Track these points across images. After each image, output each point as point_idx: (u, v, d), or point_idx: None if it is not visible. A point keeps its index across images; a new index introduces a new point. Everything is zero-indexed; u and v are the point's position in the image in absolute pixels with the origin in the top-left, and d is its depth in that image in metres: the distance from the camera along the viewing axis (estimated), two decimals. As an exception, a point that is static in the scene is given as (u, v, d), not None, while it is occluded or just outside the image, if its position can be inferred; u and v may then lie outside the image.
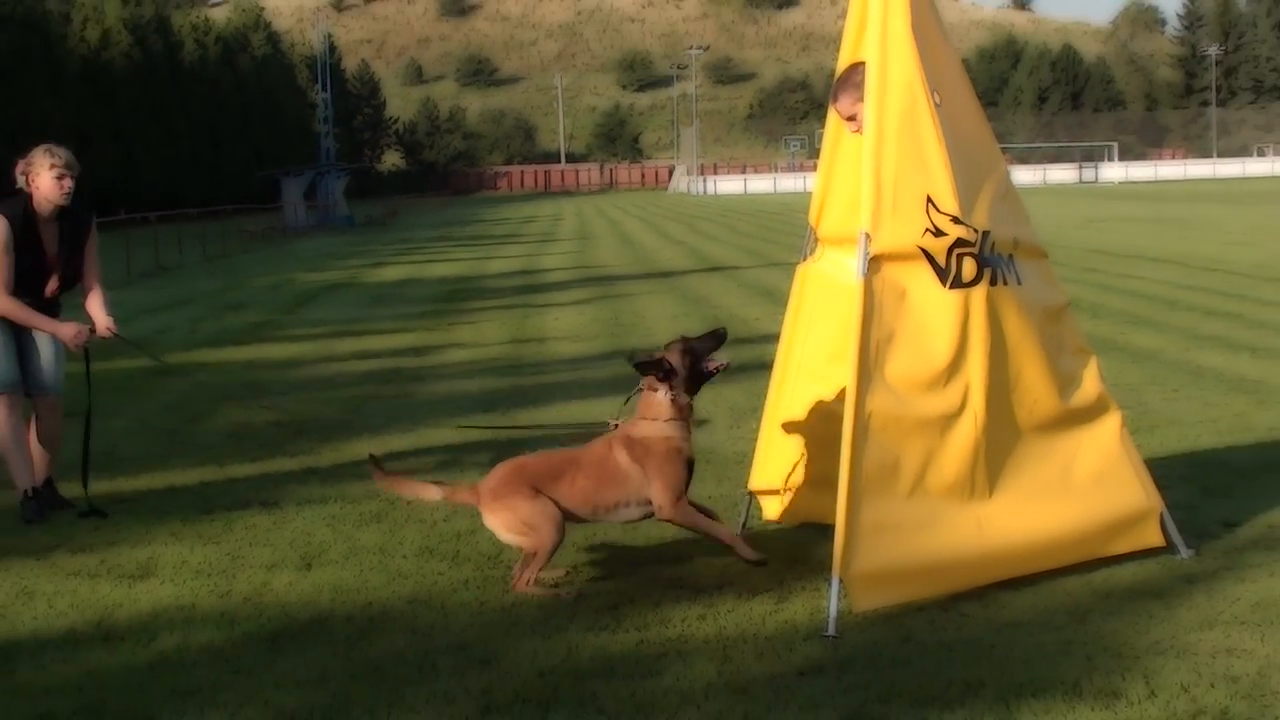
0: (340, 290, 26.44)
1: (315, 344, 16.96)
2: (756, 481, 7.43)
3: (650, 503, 6.57)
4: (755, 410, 7.10)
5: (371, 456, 6.95)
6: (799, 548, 7.03)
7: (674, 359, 6.61)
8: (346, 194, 70.40)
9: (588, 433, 7.08)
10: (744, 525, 7.43)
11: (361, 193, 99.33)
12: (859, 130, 6.42)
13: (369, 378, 13.39)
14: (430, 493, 6.76)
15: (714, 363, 6.67)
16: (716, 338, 6.71)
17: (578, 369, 13.81)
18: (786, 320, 7.23)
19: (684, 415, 6.63)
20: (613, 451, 6.59)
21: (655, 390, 6.62)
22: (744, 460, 7.86)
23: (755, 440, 7.50)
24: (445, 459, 9.50)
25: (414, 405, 12.00)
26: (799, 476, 7.19)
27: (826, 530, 6.47)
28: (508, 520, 6.47)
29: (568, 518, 6.54)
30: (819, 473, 6.99)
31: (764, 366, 8.10)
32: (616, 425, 6.76)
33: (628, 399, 6.86)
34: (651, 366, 6.61)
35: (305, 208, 63.45)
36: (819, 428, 7.00)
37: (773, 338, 8.01)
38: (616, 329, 17.56)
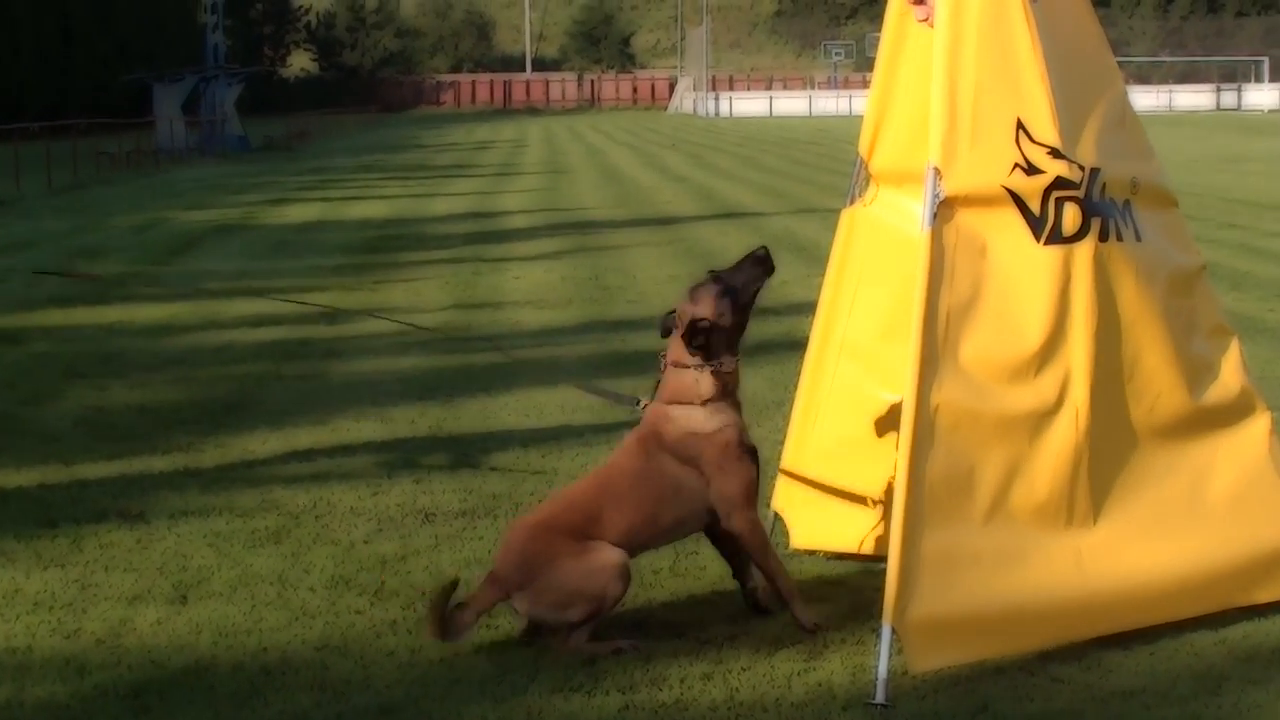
0: (231, 234, 26.41)
1: (197, 305, 16.92)
2: (782, 499, 7.42)
3: (712, 512, 6.47)
4: (783, 404, 7.08)
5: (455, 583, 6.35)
6: (838, 586, 7.05)
7: (706, 309, 6.37)
8: (240, 107, 70.30)
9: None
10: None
11: (260, 107, 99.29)
12: (928, 20, 6.37)
13: (268, 351, 13.38)
14: (465, 617, 6.22)
15: (753, 288, 6.49)
16: (756, 260, 6.52)
17: (545, 344, 13.80)
18: (827, 283, 7.22)
19: (730, 390, 6.48)
20: (653, 461, 6.43)
21: (685, 366, 6.41)
22: (767, 469, 7.84)
23: (782, 444, 7.49)
24: (371, 460, 9.49)
25: (328, 389, 12.00)
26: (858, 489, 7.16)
27: (875, 564, 6.47)
28: (554, 598, 6.20)
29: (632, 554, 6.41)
30: (866, 487, 7.00)
31: (796, 346, 8.10)
32: (644, 405, 6.62)
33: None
34: (691, 333, 6.35)
35: (185, 124, 63.30)
36: (867, 426, 7.01)
37: (807, 308, 8.01)
38: (597, 292, 17.53)
